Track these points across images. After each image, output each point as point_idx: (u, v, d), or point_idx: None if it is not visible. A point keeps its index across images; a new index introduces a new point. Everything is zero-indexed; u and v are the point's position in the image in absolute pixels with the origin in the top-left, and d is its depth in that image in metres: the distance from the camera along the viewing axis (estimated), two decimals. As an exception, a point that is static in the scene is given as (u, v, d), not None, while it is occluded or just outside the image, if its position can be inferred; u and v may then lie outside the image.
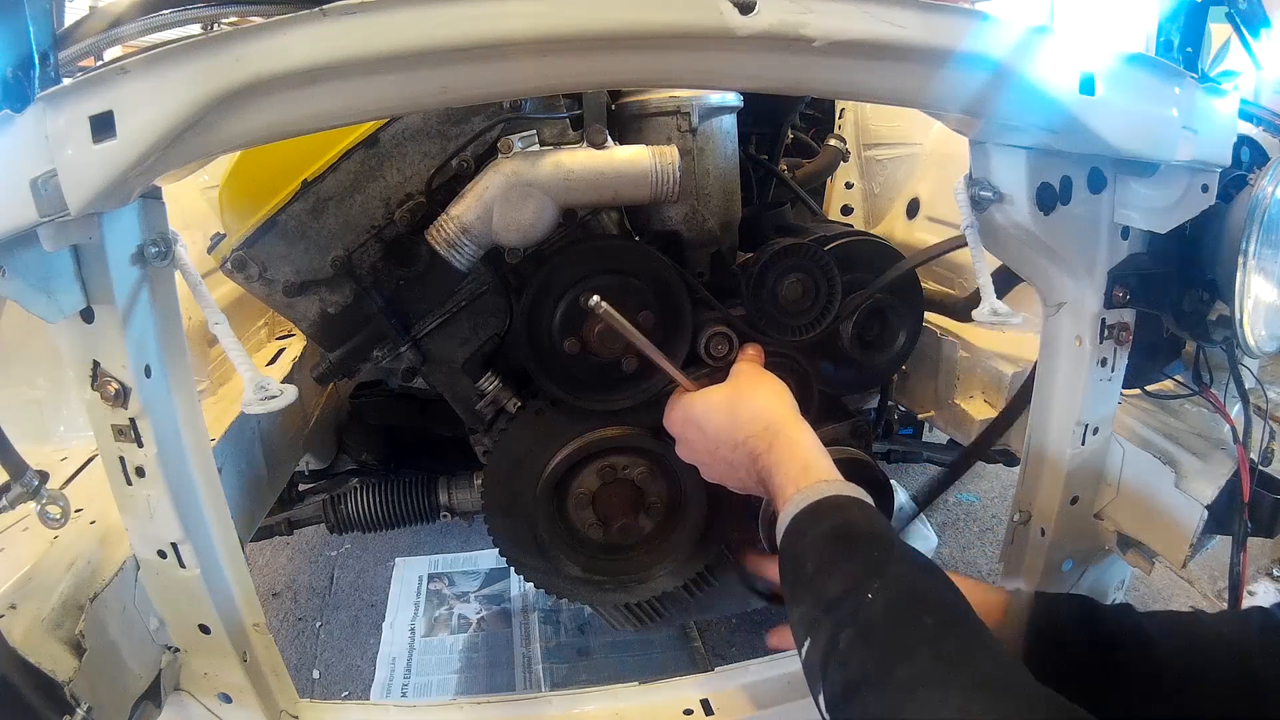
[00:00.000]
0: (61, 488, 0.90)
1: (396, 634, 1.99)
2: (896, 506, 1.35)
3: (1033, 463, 1.07)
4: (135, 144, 0.62)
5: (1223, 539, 1.02)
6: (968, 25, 0.72)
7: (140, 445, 0.80)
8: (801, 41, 0.68)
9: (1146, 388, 1.13)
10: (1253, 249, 0.87)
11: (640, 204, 1.04)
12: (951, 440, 1.61)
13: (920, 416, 1.58)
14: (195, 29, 0.87)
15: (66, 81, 0.63)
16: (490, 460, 1.12)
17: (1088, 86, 0.76)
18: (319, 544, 2.40)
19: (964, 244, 0.90)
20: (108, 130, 0.62)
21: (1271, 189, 0.86)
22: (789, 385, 1.01)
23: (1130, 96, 0.79)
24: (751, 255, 1.11)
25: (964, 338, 1.45)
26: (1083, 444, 1.02)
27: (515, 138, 0.95)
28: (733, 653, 1.91)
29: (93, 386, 0.77)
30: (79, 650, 0.82)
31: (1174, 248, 0.94)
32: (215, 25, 0.84)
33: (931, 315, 1.39)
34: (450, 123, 1.00)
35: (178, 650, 0.96)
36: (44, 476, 0.77)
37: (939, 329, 1.49)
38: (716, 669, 1.17)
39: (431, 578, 2.20)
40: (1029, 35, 0.73)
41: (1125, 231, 0.93)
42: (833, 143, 1.63)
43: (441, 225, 0.94)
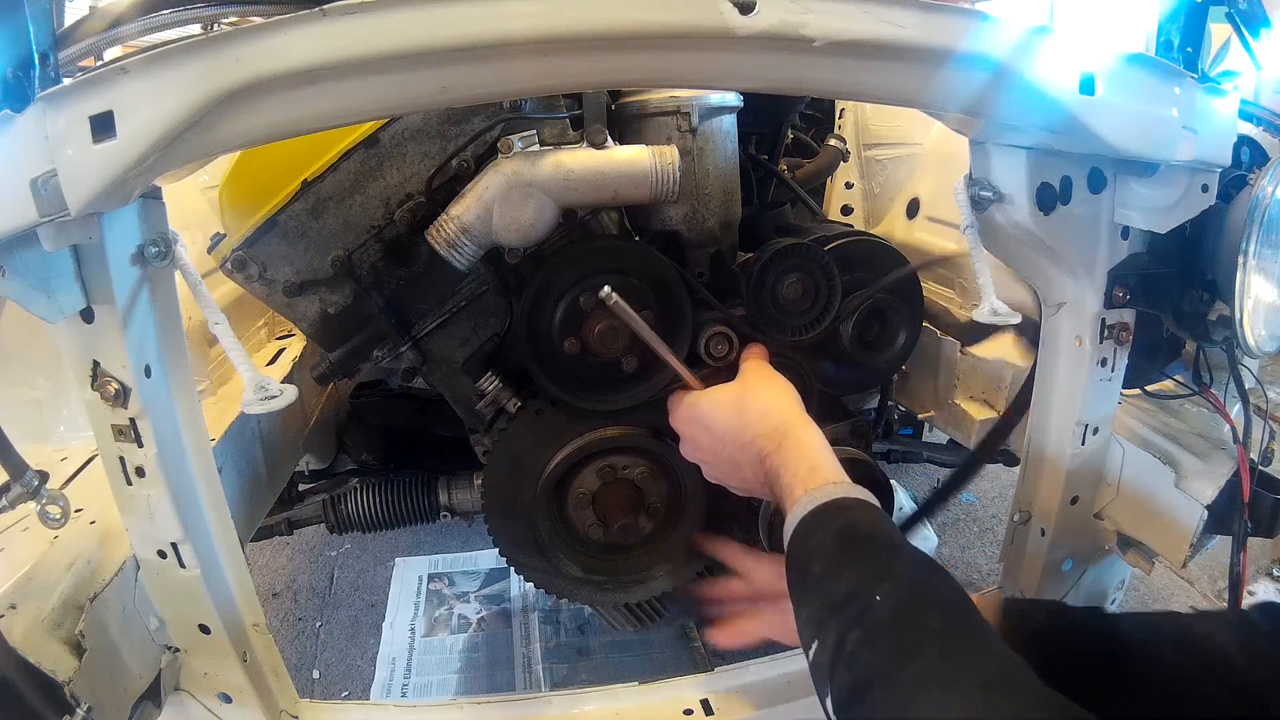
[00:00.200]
0: (61, 488, 0.90)
1: (396, 634, 1.99)
2: (896, 507, 1.35)
3: (1033, 463, 1.07)
4: (135, 144, 0.62)
5: (1223, 539, 1.02)
6: (968, 25, 0.72)
7: (140, 445, 0.80)
8: (801, 41, 0.68)
9: (1146, 388, 1.13)
10: (1253, 249, 0.88)
11: (640, 204, 1.04)
12: (951, 440, 1.61)
13: (920, 416, 1.58)
14: (195, 29, 0.87)
15: (66, 81, 0.63)
16: (490, 460, 1.12)
17: (1088, 86, 0.76)
18: (319, 544, 2.39)
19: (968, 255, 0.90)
20: (108, 130, 0.62)
21: (1271, 189, 0.87)
22: None
23: (1130, 96, 0.79)
24: (751, 255, 1.11)
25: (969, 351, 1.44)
26: (1083, 444, 1.02)
27: (515, 138, 0.95)
28: (733, 653, 1.90)
29: (93, 386, 0.77)
30: (79, 650, 0.82)
31: (1174, 248, 0.94)
32: (215, 25, 0.84)
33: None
34: (450, 123, 1.00)
35: (178, 650, 0.96)
36: (44, 476, 0.77)
37: (939, 329, 1.49)
38: (716, 669, 1.17)
39: (431, 578, 2.20)
40: (1029, 35, 0.73)
41: (1125, 231, 0.93)
42: (833, 143, 1.63)
43: (441, 225, 0.94)
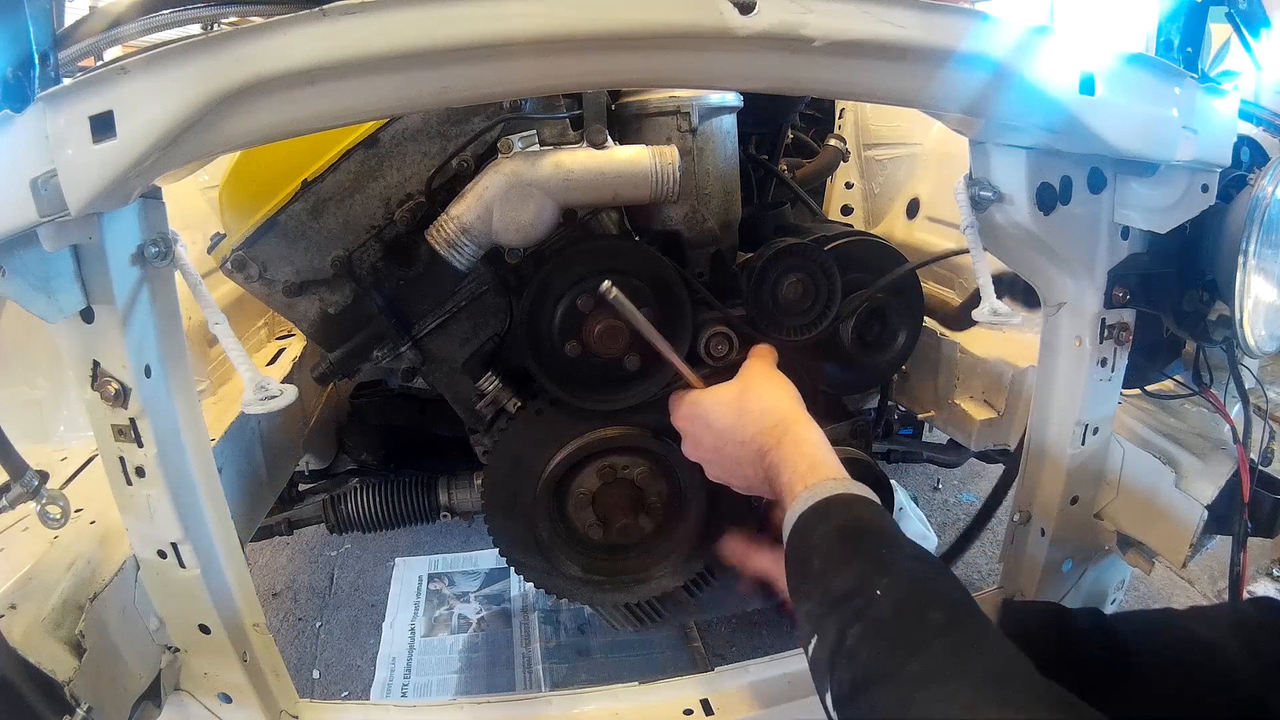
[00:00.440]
0: (61, 488, 0.90)
1: (396, 634, 1.99)
2: (896, 506, 1.35)
3: (1033, 463, 1.07)
4: (135, 144, 0.62)
5: (1223, 539, 1.02)
6: (968, 25, 0.72)
7: (140, 445, 0.80)
8: (801, 41, 0.68)
9: (1146, 388, 1.13)
10: (1253, 249, 0.88)
11: (640, 204, 1.04)
12: (951, 440, 1.61)
13: (920, 416, 1.58)
14: (195, 29, 0.86)
15: (66, 81, 0.63)
16: (490, 460, 1.12)
17: (1088, 86, 0.76)
18: (319, 544, 2.39)
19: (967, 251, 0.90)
20: (108, 130, 0.62)
21: (1271, 189, 0.86)
22: None
23: (1130, 96, 0.79)
24: (751, 255, 1.11)
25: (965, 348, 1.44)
26: (1083, 444, 1.02)
27: (515, 138, 0.95)
28: (733, 653, 1.90)
29: (93, 386, 0.77)
30: (79, 650, 0.82)
31: (1174, 248, 0.94)
32: (215, 25, 0.84)
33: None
34: (450, 123, 1.00)
35: (178, 650, 0.96)
36: (44, 476, 0.77)
37: (939, 329, 1.49)
38: (716, 669, 1.16)
39: (431, 578, 2.20)
40: (1029, 35, 0.73)
41: (1125, 231, 0.93)
42: (833, 143, 1.63)
43: (441, 225, 0.94)
